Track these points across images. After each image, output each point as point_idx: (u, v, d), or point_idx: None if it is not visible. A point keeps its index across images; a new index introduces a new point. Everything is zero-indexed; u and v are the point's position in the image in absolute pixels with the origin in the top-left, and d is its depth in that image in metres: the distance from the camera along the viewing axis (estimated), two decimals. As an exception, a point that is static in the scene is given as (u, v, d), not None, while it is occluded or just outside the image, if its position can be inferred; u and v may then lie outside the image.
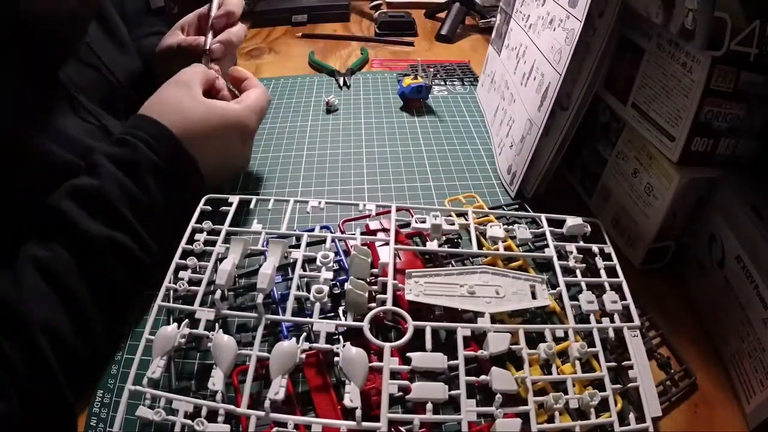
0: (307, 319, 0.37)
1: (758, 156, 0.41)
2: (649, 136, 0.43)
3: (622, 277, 0.42)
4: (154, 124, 0.44)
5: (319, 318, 0.36)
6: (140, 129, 0.43)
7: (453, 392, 0.32)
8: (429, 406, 0.32)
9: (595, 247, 0.44)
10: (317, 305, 0.37)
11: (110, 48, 0.58)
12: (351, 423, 0.31)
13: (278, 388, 0.32)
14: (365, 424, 0.30)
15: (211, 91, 0.51)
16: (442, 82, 0.78)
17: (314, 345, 0.35)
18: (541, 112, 0.49)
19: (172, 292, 0.39)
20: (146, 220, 0.41)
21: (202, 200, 0.45)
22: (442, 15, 0.99)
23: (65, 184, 0.40)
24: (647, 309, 0.43)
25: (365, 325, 0.35)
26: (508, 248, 0.45)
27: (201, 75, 0.49)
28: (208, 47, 0.54)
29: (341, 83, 0.77)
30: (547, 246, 0.44)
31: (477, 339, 0.38)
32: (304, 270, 0.43)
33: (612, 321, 0.39)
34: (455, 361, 0.34)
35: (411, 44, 0.93)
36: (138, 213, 0.40)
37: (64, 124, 0.45)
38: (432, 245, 0.44)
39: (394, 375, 0.33)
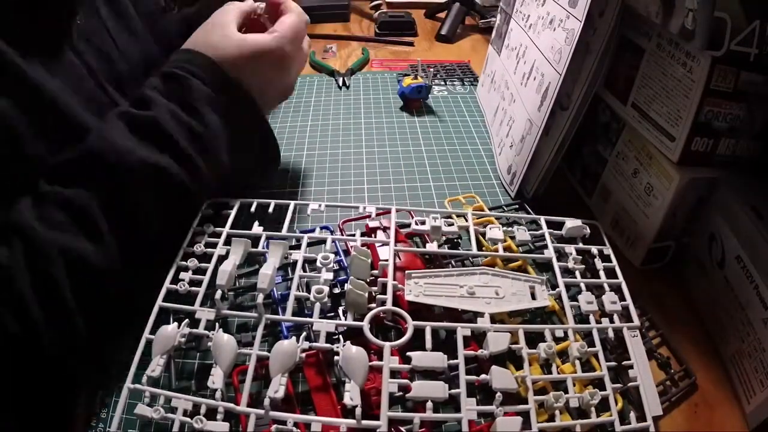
0: (307, 319, 0.37)
1: (758, 156, 0.41)
2: (649, 136, 0.43)
3: (621, 278, 0.42)
4: (197, 55, 0.44)
5: (319, 318, 0.36)
6: (186, 62, 0.43)
7: (453, 391, 0.32)
8: (429, 405, 0.32)
9: (594, 249, 0.44)
10: (317, 305, 0.37)
11: (123, 34, 0.56)
12: (351, 421, 0.31)
13: (278, 387, 0.32)
14: (365, 422, 0.30)
15: (250, 26, 0.50)
16: (442, 82, 0.78)
17: (314, 344, 0.35)
18: (541, 112, 0.49)
19: (172, 293, 0.39)
20: (202, 148, 0.41)
21: (204, 204, 0.45)
22: (442, 15, 0.99)
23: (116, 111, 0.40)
24: (647, 309, 0.43)
25: (365, 324, 0.35)
26: (507, 249, 0.45)
27: (234, 12, 0.48)
28: None
29: (341, 83, 0.77)
30: (546, 247, 0.44)
31: (477, 338, 0.38)
32: (305, 270, 0.43)
33: (612, 321, 0.39)
34: (455, 361, 0.34)
35: (411, 44, 0.93)
36: (195, 142, 0.41)
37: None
38: (432, 246, 0.44)
39: (394, 374, 0.33)
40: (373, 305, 0.37)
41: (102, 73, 0.48)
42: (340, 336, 0.38)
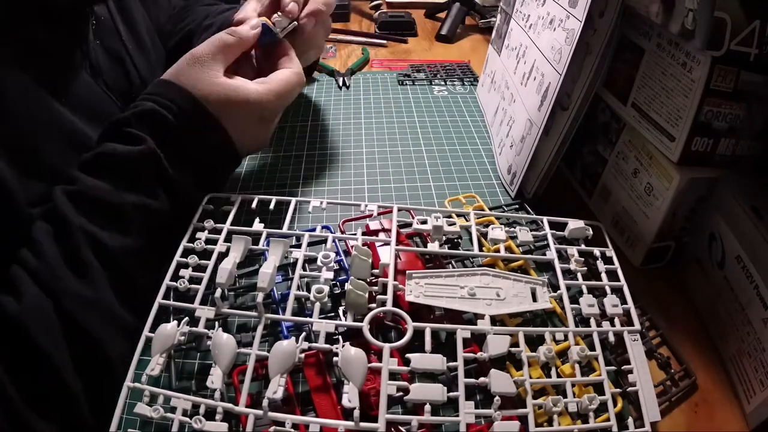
0: (307, 319, 0.37)
1: (758, 156, 0.41)
2: (649, 136, 0.43)
3: (623, 281, 0.42)
4: (175, 88, 0.42)
5: (319, 318, 0.36)
6: (160, 95, 0.41)
7: (452, 394, 0.32)
8: (428, 407, 0.32)
9: (596, 251, 0.44)
10: (317, 305, 0.37)
11: (136, 50, 0.57)
12: (349, 423, 0.30)
13: (276, 387, 0.32)
14: (363, 424, 0.30)
15: (241, 62, 0.47)
16: (442, 82, 0.78)
17: (314, 345, 0.35)
18: (541, 112, 0.49)
19: (172, 290, 0.39)
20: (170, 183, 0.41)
21: (205, 199, 0.45)
22: (442, 15, 0.99)
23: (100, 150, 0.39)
24: (647, 309, 0.43)
25: (365, 325, 0.35)
26: (508, 249, 0.45)
27: (222, 53, 0.44)
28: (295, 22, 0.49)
29: (341, 83, 0.77)
30: (548, 247, 0.44)
31: (477, 339, 0.38)
32: (305, 270, 0.43)
33: (612, 325, 0.39)
34: (455, 363, 0.34)
35: (405, 41, 0.93)
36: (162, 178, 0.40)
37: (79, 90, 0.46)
38: (433, 246, 0.44)
39: (394, 376, 0.33)
40: (374, 305, 0.37)
41: (119, 91, 0.50)
42: (340, 337, 0.38)
